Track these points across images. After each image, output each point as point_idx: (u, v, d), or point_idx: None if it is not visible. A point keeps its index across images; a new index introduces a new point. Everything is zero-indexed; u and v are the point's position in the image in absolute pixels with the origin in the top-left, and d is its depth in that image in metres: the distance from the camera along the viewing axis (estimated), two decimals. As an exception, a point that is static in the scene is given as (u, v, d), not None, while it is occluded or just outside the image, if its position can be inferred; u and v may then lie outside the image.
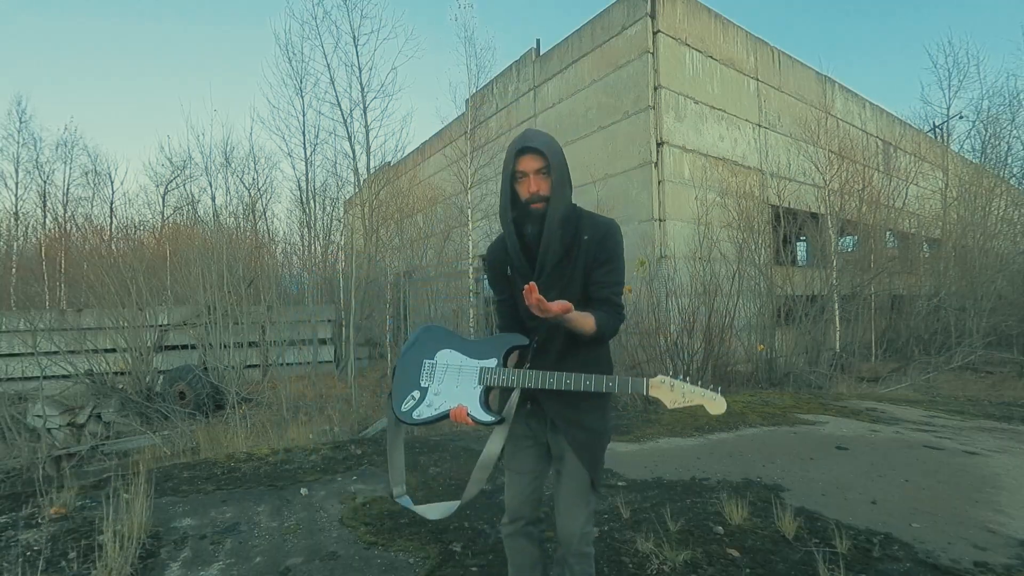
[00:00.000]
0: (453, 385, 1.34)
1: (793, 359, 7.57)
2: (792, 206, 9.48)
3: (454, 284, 9.99)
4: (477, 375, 1.33)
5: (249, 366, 8.20)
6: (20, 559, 2.10)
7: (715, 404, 1.19)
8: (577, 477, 1.37)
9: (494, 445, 1.35)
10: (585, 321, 1.26)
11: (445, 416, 1.31)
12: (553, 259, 1.32)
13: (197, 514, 2.64)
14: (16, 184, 16.22)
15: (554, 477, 1.46)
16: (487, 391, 1.34)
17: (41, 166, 16.71)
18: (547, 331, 1.34)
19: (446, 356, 1.38)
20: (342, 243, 12.65)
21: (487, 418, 1.30)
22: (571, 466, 1.38)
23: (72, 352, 7.16)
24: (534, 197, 1.31)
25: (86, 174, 17.73)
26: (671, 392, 1.22)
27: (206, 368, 7.42)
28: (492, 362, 1.34)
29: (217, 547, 2.28)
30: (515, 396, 1.33)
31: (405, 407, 1.34)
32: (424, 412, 1.33)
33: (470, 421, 1.29)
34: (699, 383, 1.21)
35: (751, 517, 2.44)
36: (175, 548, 2.27)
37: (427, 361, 1.39)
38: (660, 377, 1.23)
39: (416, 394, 1.35)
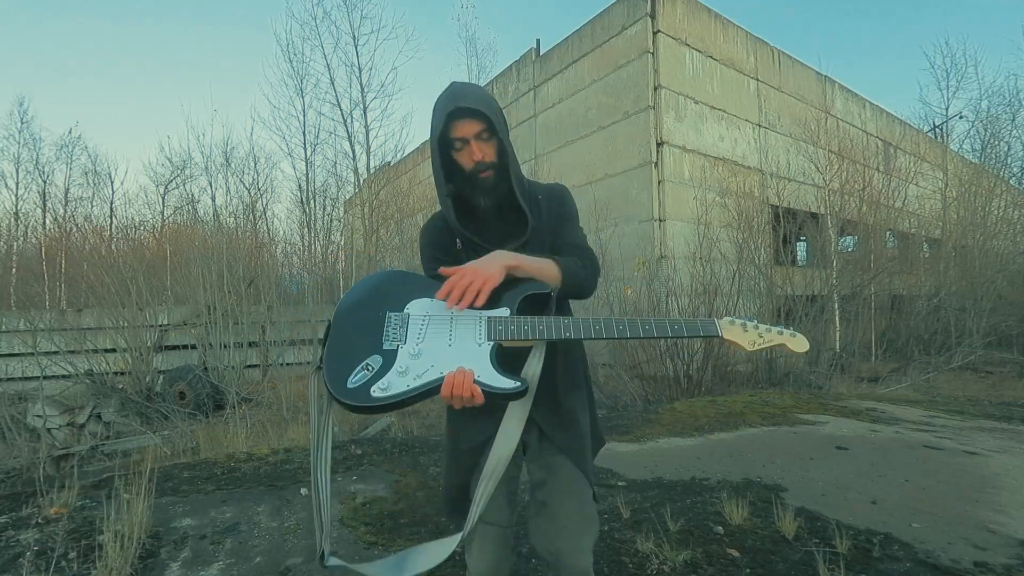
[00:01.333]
0: (442, 342, 0.93)
1: (793, 359, 7.57)
2: (792, 206, 9.48)
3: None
4: (484, 327, 0.94)
5: (249, 366, 8.20)
6: (20, 559, 2.10)
7: (796, 342, 0.99)
8: (577, 493, 1.14)
9: (507, 442, 1.00)
10: (539, 263, 1.02)
11: (434, 388, 0.88)
12: (527, 228, 1.12)
13: (197, 514, 2.64)
14: (16, 184, 16.27)
15: (535, 506, 1.17)
16: (498, 350, 0.94)
17: (41, 166, 16.76)
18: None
19: (424, 306, 0.98)
20: (342, 243, 12.65)
21: (508, 384, 0.90)
22: (568, 482, 1.13)
23: (72, 352, 7.16)
24: (481, 165, 1.08)
25: (86, 174, 17.79)
26: (745, 333, 0.97)
27: (206, 368, 7.42)
28: (504, 311, 0.97)
29: (217, 547, 2.28)
30: (536, 360, 0.98)
31: (354, 381, 0.88)
32: (394, 385, 0.87)
33: (478, 392, 0.88)
34: (769, 323, 1.00)
35: (751, 517, 2.44)
36: (175, 548, 2.27)
37: (392, 314, 0.96)
38: (729, 318, 0.99)
39: (373, 362, 0.90)
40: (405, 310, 0.99)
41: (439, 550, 1.00)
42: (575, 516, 1.13)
